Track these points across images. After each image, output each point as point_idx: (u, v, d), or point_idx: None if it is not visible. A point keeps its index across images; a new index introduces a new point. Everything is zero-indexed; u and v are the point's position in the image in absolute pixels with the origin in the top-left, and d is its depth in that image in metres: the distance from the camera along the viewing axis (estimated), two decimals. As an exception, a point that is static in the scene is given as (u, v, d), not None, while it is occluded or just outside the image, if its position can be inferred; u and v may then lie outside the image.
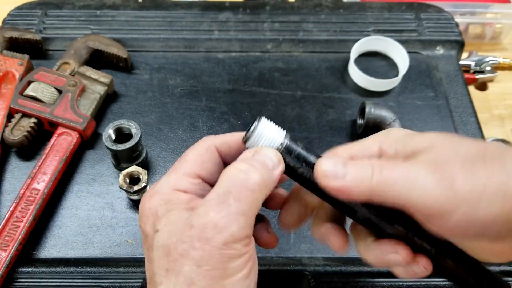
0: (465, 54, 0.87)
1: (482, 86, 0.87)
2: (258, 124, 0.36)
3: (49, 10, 0.81)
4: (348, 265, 0.56)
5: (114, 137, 0.61)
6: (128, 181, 0.59)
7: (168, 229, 0.33)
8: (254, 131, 0.36)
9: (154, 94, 0.72)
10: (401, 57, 0.76)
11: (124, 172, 0.59)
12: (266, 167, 0.34)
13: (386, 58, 0.79)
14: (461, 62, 0.83)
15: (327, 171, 0.34)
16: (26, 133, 0.63)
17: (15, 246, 0.54)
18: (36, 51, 0.75)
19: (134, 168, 0.59)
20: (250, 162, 0.34)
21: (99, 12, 0.81)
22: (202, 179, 0.37)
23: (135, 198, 0.61)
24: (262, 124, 0.36)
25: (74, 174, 0.64)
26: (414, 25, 0.82)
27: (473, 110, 0.72)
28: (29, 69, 0.70)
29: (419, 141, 0.34)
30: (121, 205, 0.61)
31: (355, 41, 0.76)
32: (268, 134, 0.36)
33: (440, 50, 0.79)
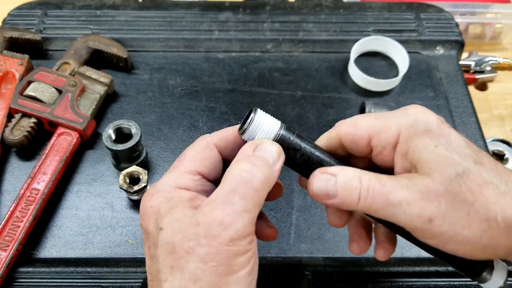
0: (465, 54, 0.87)
1: (482, 86, 0.87)
2: (254, 115, 0.37)
3: (49, 10, 0.81)
4: (348, 265, 0.56)
5: (114, 137, 0.61)
6: (128, 181, 0.59)
7: (172, 226, 0.34)
8: (251, 123, 0.36)
9: (154, 94, 0.72)
10: (401, 57, 0.76)
11: (124, 172, 0.59)
12: (268, 164, 0.35)
13: (386, 58, 0.79)
14: (461, 62, 0.83)
15: (319, 192, 0.36)
16: (26, 133, 0.63)
17: (15, 246, 0.54)
18: (36, 51, 0.75)
19: (134, 168, 0.59)
20: (252, 160, 0.35)
21: (99, 12, 0.81)
22: (202, 176, 0.38)
23: (135, 198, 0.61)
24: (259, 115, 0.37)
25: (74, 174, 0.64)
26: (414, 25, 0.82)
27: (473, 110, 0.72)
28: (29, 69, 0.70)
29: (425, 161, 0.34)
30: (121, 205, 0.61)
31: (355, 41, 0.76)
32: (265, 125, 0.37)
33: (440, 50, 0.79)
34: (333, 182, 0.35)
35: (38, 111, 0.64)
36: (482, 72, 0.86)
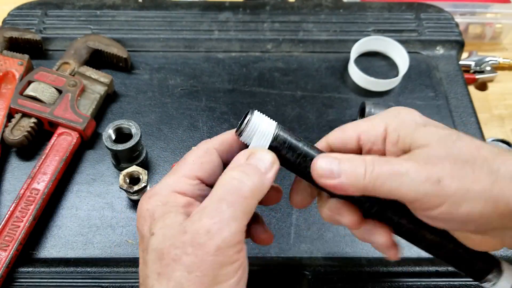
0: (465, 54, 0.87)
1: (482, 86, 0.87)
2: (251, 117, 0.37)
3: (49, 10, 0.81)
4: (348, 265, 0.56)
5: (114, 137, 0.61)
6: (128, 181, 0.59)
7: (163, 232, 0.34)
8: (248, 125, 0.37)
9: (154, 94, 0.72)
10: (401, 57, 0.76)
11: (124, 172, 0.59)
12: (259, 172, 0.35)
13: (386, 58, 0.79)
14: (461, 62, 0.83)
15: (323, 171, 0.35)
16: (26, 133, 0.63)
17: (15, 246, 0.54)
18: (36, 51, 0.75)
19: (134, 168, 0.59)
20: (243, 168, 0.35)
21: (99, 12, 0.81)
22: (201, 181, 0.38)
23: (135, 198, 0.61)
24: (255, 117, 0.37)
25: (74, 174, 0.64)
26: (414, 25, 0.82)
27: (473, 110, 0.72)
28: (29, 69, 0.70)
29: (418, 137, 0.35)
30: (121, 205, 0.61)
31: (355, 41, 0.76)
32: (261, 126, 0.37)
33: (440, 50, 0.79)
34: (337, 162, 0.35)
35: (38, 111, 0.64)
36: (482, 72, 0.86)
